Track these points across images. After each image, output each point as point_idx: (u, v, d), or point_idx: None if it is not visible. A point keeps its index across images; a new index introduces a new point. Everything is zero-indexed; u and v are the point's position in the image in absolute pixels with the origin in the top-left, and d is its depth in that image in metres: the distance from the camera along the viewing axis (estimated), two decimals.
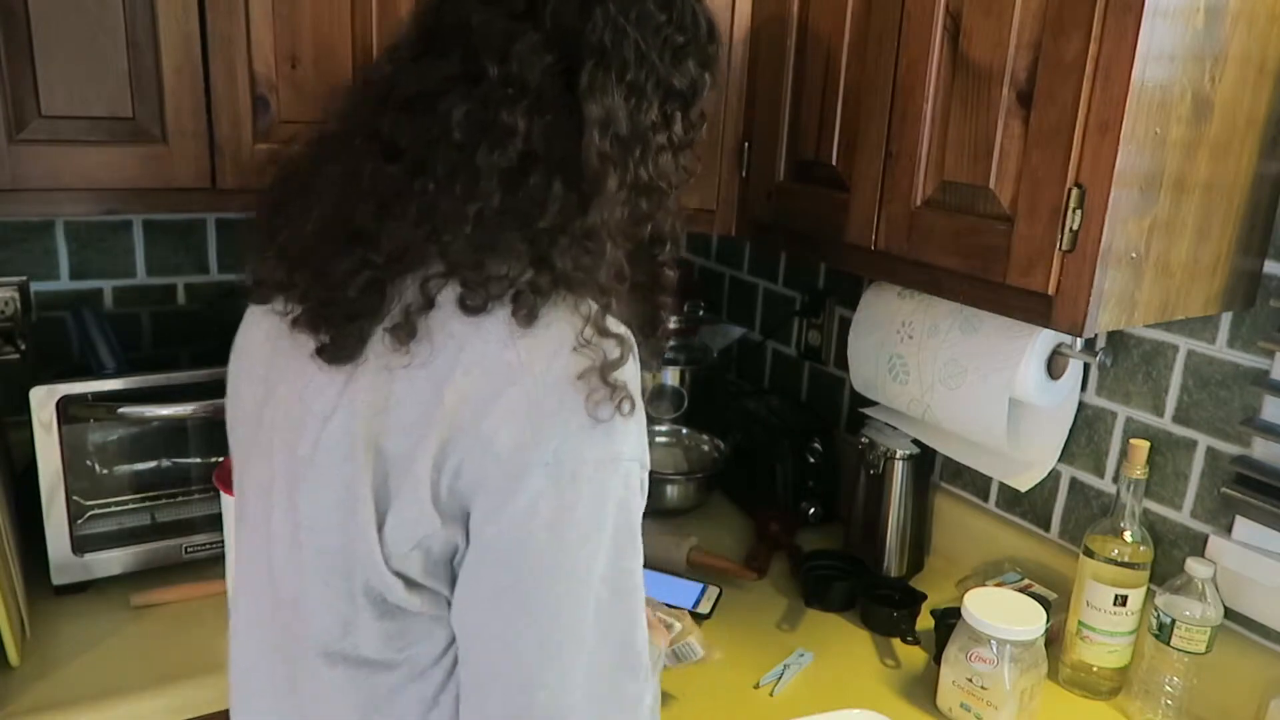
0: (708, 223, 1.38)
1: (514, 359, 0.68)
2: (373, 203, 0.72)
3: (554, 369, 0.69)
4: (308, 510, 0.75)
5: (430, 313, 0.70)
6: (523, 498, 0.68)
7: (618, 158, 0.73)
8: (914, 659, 1.28)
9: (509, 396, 0.68)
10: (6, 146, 1.10)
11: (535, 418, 0.68)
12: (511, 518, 0.68)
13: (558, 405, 0.68)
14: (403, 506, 0.70)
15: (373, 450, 0.70)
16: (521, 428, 0.67)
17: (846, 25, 1.16)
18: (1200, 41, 0.91)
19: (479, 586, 0.71)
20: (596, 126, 0.71)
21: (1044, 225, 0.95)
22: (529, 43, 0.71)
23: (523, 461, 0.67)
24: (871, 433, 1.47)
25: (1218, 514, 1.18)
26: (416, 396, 0.69)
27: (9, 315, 1.45)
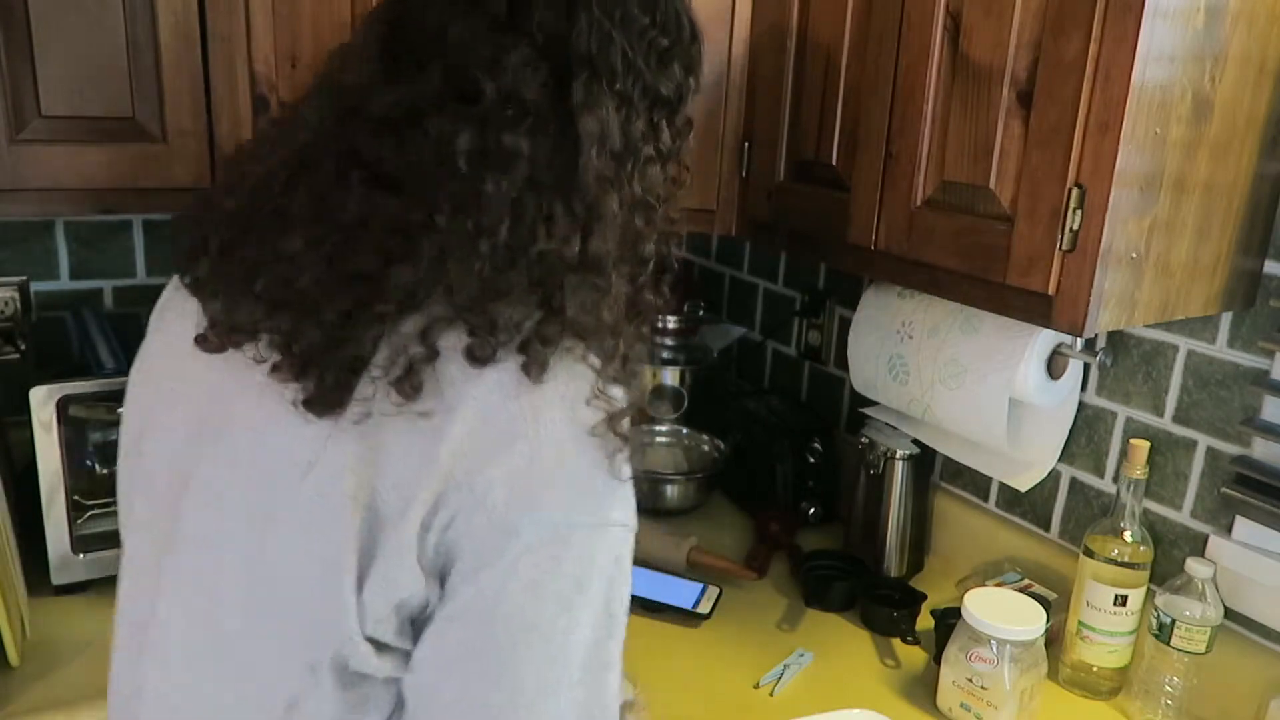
0: (708, 223, 1.38)
1: (518, 412, 0.64)
2: (372, 241, 0.65)
3: (559, 424, 0.64)
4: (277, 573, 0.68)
5: (435, 362, 0.64)
6: (506, 557, 0.63)
7: (614, 175, 0.68)
8: (914, 659, 1.28)
9: (511, 452, 0.63)
10: (6, 146, 1.10)
11: (535, 475, 0.63)
12: (491, 577, 0.63)
13: (559, 464, 0.64)
14: (388, 566, 0.64)
15: (361, 506, 0.64)
16: (519, 485, 0.63)
17: (846, 26, 1.16)
18: (1200, 41, 0.91)
19: (444, 647, 0.66)
20: (594, 143, 0.66)
21: (1044, 225, 0.95)
22: (521, 56, 0.65)
23: (514, 520, 0.63)
24: (871, 433, 1.48)
25: (1218, 514, 1.18)
26: (411, 450, 0.63)
27: (9, 315, 1.45)
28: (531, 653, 0.65)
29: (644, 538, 1.60)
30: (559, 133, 0.66)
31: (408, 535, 0.63)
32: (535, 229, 0.65)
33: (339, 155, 0.67)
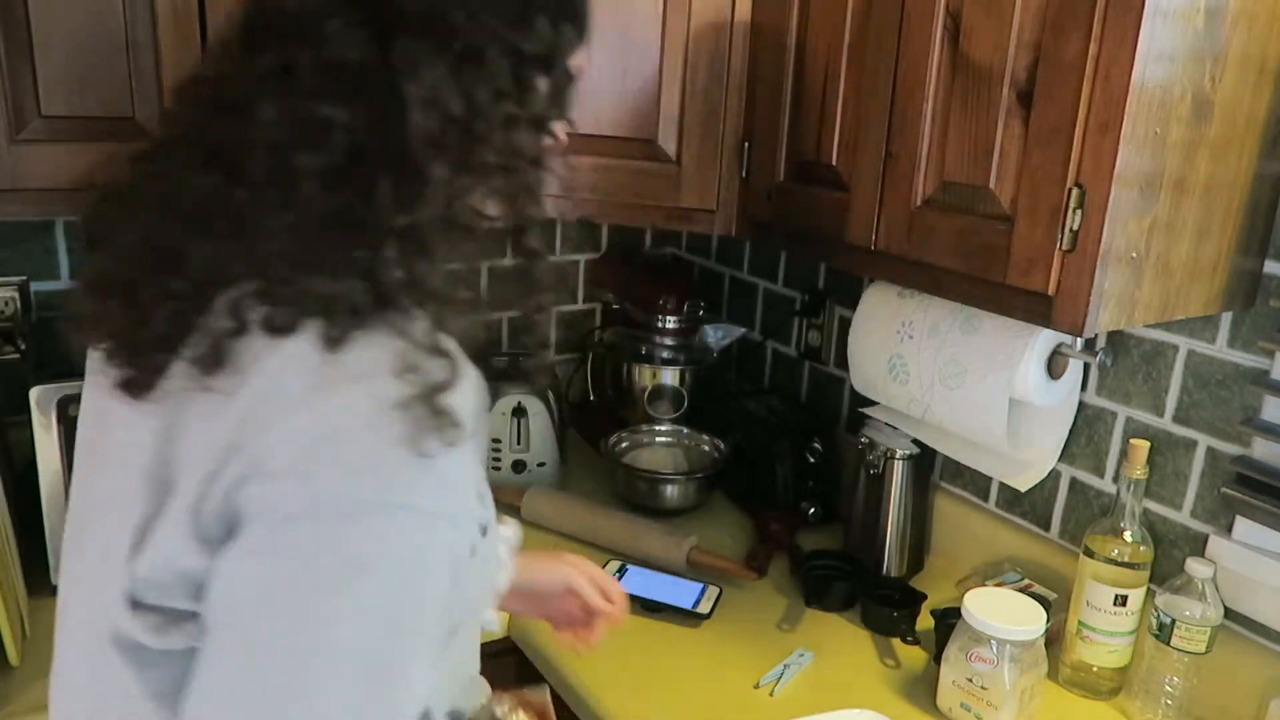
0: (708, 223, 1.38)
1: (309, 382, 0.61)
2: (181, 219, 0.65)
3: (353, 395, 0.60)
4: (85, 554, 0.69)
5: (242, 337, 0.62)
6: (276, 530, 0.59)
7: (451, 140, 0.64)
8: (914, 659, 1.28)
9: (294, 420, 0.60)
10: (6, 146, 1.10)
11: (315, 446, 0.59)
12: (258, 551, 0.60)
13: (346, 436, 0.60)
14: (166, 535, 0.62)
15: (154, 480, 0.63)
16: (296, 454, 0.59)
17: (846, 25, 1.16)
18: (1200, 42, 0.91)
19: (211, 620, 0.62)
20: (419, 106, 0.63)
21: (1044, 225, 0.95)
22: (342, 20, 0.63)
23: (287, 490, 0.59)
24: (871, 433, 1.47)
25: (1218, 514, 1.17)
26: (207, 424, 0.62)
27: (9, 315, 1.45)
28: (290, 640, 0.60)
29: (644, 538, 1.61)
30: (385, 97, 0.63)
31: (188, 503, 0.61)
32: (354, 199, 0.63)
33: (188, 145, 0.68)
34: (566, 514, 1.55)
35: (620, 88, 1.34)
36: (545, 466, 1.67)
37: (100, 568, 0.67)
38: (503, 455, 1.65)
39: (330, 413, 0.60)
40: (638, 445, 1.77)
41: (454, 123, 0.64)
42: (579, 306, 2.03)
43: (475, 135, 0.65)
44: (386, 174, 0.63)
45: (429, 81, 0.63)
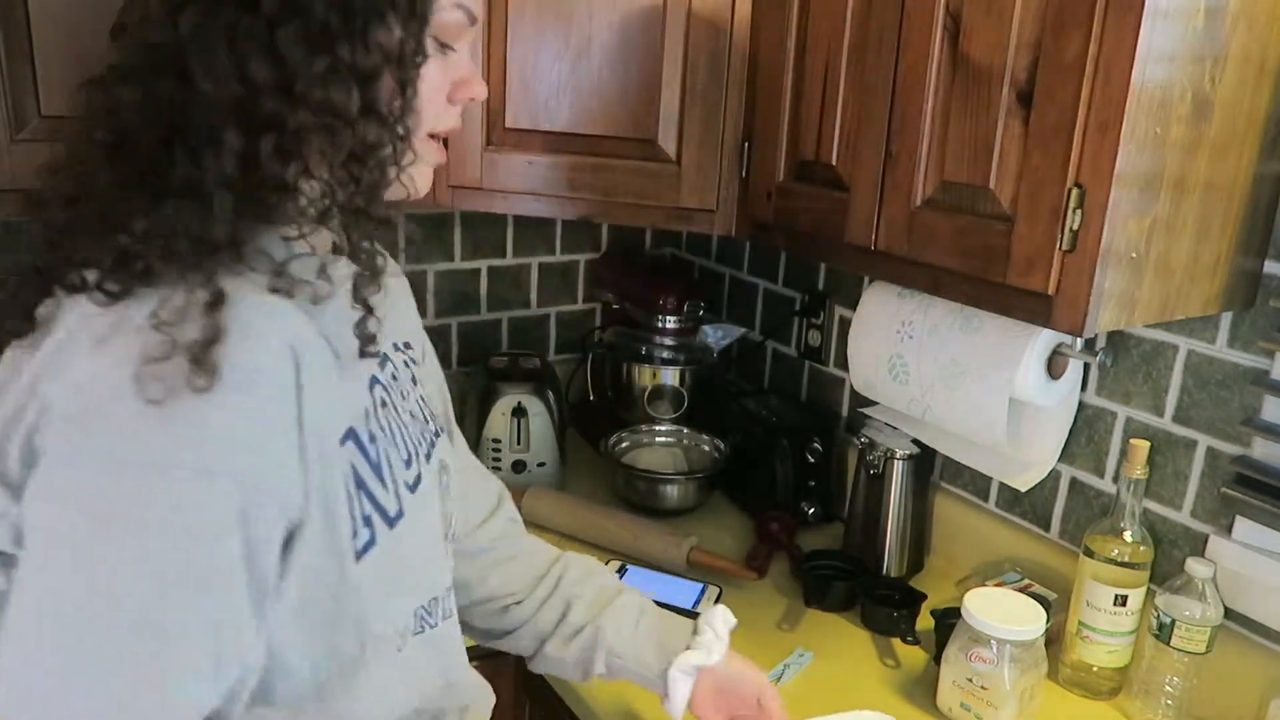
0: (708, 223, 1.38)
1: (96, 334, 0.63)
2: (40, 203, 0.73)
3: (126, 349, 0.61)
4: None
5: (48, 298, 0.68)
6: (58, 476, 0.62)
7: (253, 105, 0.64)
8: (914, 659, 1.28)
9: (77, 368, 0.63)
10: (7, 146, 1.10)
11: (93, 396, 0.61)
12: (42, 494, 0.62)
13: (118, 388, 0.60)
14: None
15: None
16: (77, 403, 0.62)
17: (846, 25, 1.16)
18: (1200, 41, 0.91)
19: None
20: (204, 77, 0.64)
21: (1044, 225, 0.95)
22: (149, 6, 0.67)
23: (68, 436, 0.62)
24: (871, 433, 1.48)
25: (1218, 514, 1.18)
26: (13, 375, 0.66)
27: None
28: (65, 583, 0.61)
29: (644, 538, 1.60)
30: (172, 73, 0.65)
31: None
32: (145, 167, 0.66)
33: None
34: (566, 514, 1.55)
35: (620, 87, 1.34)
36: (545, 466, 1.67)
37: None
38: (503, 455, 1.65)
39: (104, 366, 0.62)
40: (638, 445, 1.77)
41: (259, 87, 0.64)
42: (579, 306, 2.04)
43: (290, 95, 0.65)
44: (180, 142, 0.65)
45: (221, 51, 0.64)
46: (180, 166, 0.65)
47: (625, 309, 1.90)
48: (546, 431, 1.66)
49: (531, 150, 1.38)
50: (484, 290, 1.92)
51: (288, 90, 0.65)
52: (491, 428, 1.64)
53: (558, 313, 2.01)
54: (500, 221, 1.89)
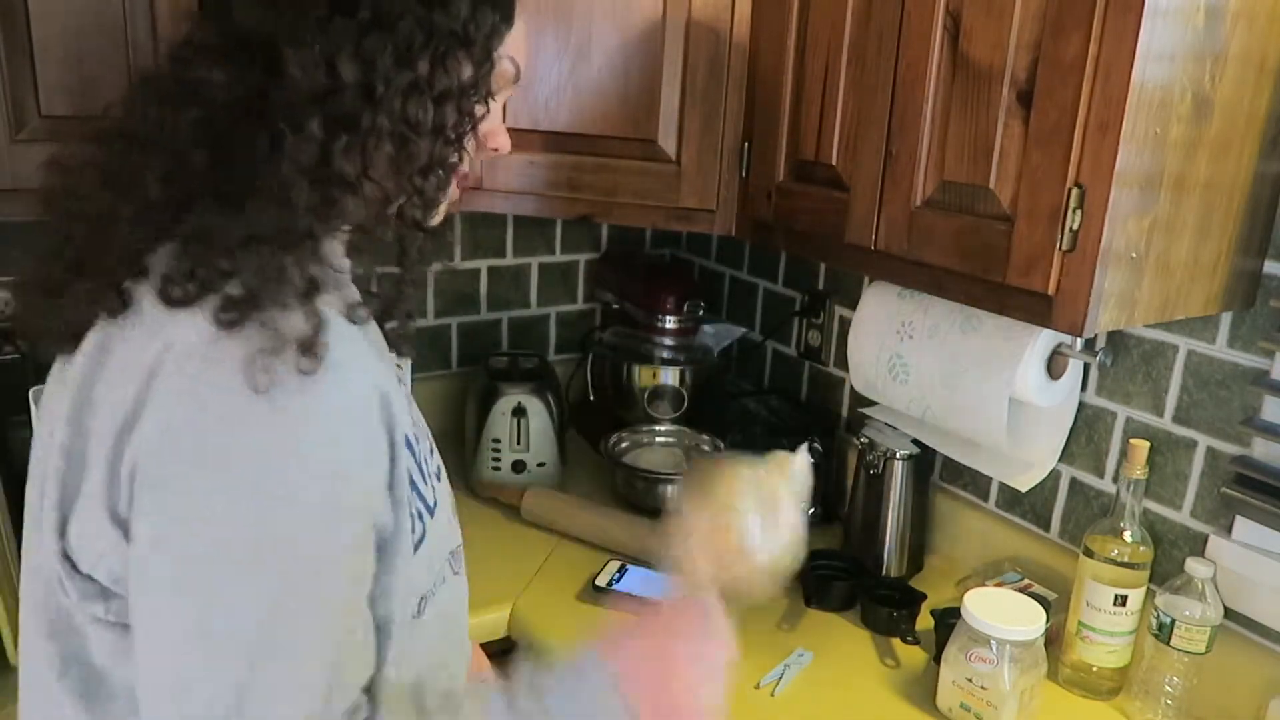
0: (708, 223, 1.38)
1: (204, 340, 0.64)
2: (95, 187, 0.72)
3: (233, 356, 0.63)
4: None
5: (127, 313, 0.67)
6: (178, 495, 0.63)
7: (337, 101, 0.66)
8: (914, 659, 1.28)
9: (181, 384, 0.63)
10: (6, 146, 1.10)
11: (203, 408, 0.63)
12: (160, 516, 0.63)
13: (226, 396, 0.62)
14: (84, 511, 0.66)
15: (66, 454, 0.67)
16: (185, 417, 0.63)
17: (846, 25, 1.16)
18: (1200, 41, 0.91)
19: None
20: (296, 67, 0.65)
21: (1044, 225, 0.95)
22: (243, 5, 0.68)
23: (179, 450, 0.63)
24: (871, 433, 1.47)
25: (1218, 514, 1.17)
26: (111, 393, 0.66)
27: (9, 315, 1.45)
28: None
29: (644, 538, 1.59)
30: (265, 60, 0.66)
31: (97, 484, 0.65)
32: (233, 152, 0.66)
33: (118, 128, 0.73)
34: (566, 514, 1.55)
35: (620, 88, 1.34)
36: (545, 466, 1.67)
37: (35, 540, 0.71)
38: (503, 455, 1.65)
39: (216, 362, 0.62)
40: (638, 445, 1.77)
41: (344, 85, 0.66)
42: (579, 306, 2.04)
43: (371, 100, 0.67)
44: (263, 129, 0.65)
45: (313, 44, 0.65)
46: (261, 152, 0.66)
47: (625, 309, 1.90)
48: (546, 431, 1.66)
49: (532, 150, 1.38)
50: (484, 290, 1.92)
51: (369, 94, 0.67)
52: (491, 428, 1.64)
53: (558, 313, 2.01)
54: (500, 221, 1.89)
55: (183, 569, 0.62)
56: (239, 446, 0.62)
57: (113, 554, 0.65)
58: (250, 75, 0.66)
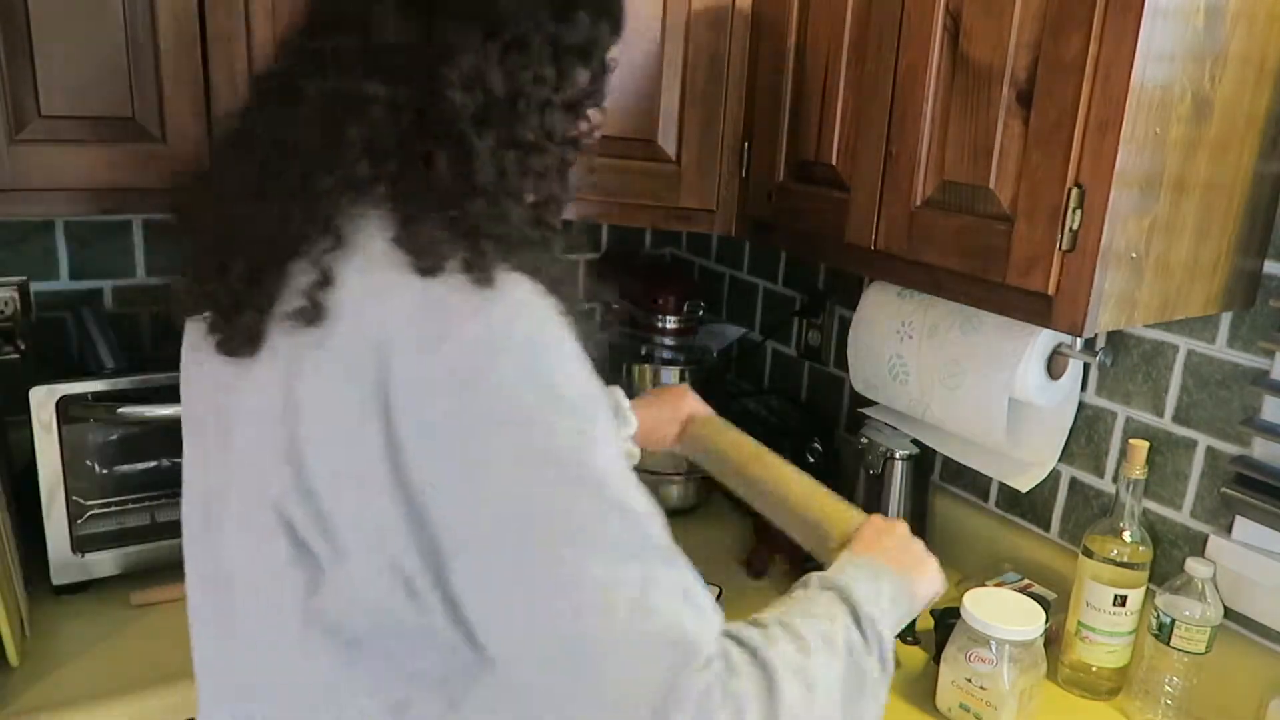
0: (708, 223, 1.38)
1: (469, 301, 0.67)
2: (249, 193, 0.72)
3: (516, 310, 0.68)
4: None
5: (330, 289, 0.68)
6: (488, 441, 0.66)
7: (495, 118, 0.70)
8: (913, 659, 1.28)
9: (465, 333, 0.66)
10: (6, 146, 1.10)
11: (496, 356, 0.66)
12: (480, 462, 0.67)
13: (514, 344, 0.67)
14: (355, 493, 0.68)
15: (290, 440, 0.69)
16: (476, 366, 0.66)
17: (846, 25, 1.16)
18: (1200, 41, 0.91)
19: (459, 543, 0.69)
20: (462, 88, 0.69)
21: (1044, 225, 0.95)
22: (387, 7, 0.70)
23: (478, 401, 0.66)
24: (871, 433, 1.47)
25: (1217, 514, 1.17)
26: (334, 375, 0.67)
27: (9, 315, 1.45)
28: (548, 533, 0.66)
29: None
30: (429, 79, 0.69)
31: (378, 446, 0.65)
32: (408, 167, 0.69)
33: (253, 130, 0.74)
34: None
35: (620, 88, 1.34)
36: None
37: (256, 530, 0.71)
38: None
39: (493, 326, 0.65)
40: None
41: (497, 101, 0.70)
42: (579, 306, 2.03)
43: (516, 113, 0.71)
44: (439, 146, 0.69)
45: (468, 63, 0.69)
46: (449, 169, 0.69)
47: (625, 309, 1.90)
48: None
49: None
50: None
51: (514, 108, 0.71)
52: None
53: None
54: None
55: None
56: None
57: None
58: (407, 94, 0.69)
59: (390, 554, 0.66)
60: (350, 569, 0.68)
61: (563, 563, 0.65)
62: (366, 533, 0.67)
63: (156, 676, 1.14)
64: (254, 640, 0.75)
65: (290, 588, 0.70)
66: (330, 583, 0.69)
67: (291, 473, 0.67)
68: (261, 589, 0.72)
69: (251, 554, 0.72)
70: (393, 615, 0.69)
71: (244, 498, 0.72)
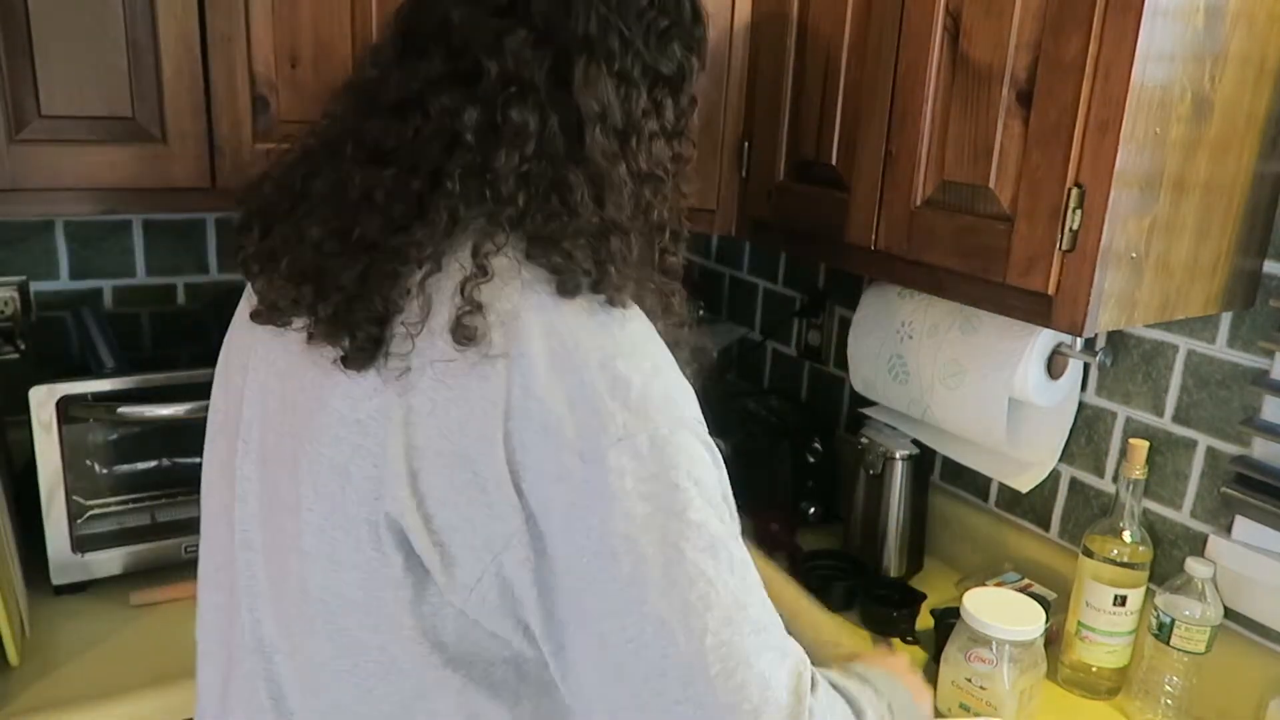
0: (708, 222, 1.38)
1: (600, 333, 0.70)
2: (377, 211, 0.70)
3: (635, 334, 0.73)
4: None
5: (477, 313, 0.67)
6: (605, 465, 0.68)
7: (619, 150, 0.72)
8: (913, 659, 1.28)
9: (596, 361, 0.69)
10: (6, 146, 1.10)
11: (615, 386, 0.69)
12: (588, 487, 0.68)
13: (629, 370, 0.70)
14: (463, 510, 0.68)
15: (409, 456, 0.69)
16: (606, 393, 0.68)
17: (846, 25, 1.16)
18: (1200, 41, 0.92)
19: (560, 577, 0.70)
20: (596, 121, 0.71)
21: (1044, 225, 0.95)
22: (520, 39, 0.70)
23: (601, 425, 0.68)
24: (871, 433, 1.48)
25: (1217, 514, 1.18)
26: (469, 394, 0.67)
27: (9, 315, 1.45)
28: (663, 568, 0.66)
29: None
30: (562, 111, 0.71)
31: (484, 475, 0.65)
32: (552, 198, 0.70)
33: (354, 142, 0.73)
34: None
35: None
36: None
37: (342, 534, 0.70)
38: None
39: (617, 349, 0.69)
40: None
41: (618, 135, 0.72)
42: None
43: (631, 147, 0.73)
44: (575, 178, 0.70)
45: (601, 99, 0.71)
46: (592, 201, 0.71)
47: None
48: None
49: None
50: None
51: (635, 144, 0.74)
52: None
53: None
54: None
55: None
56: None
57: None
58: (552, 122, 0.71)
59: (501, 564, 0.67)
60: (457, 579, 0.68)
61: (671, 602, 0.65)
62: (476, 545, 0.67)
63: (156, 676, 1.14)
64: (339, 650, 0.73)
65: (389, 597, 0.70)
66: (434, 591, 0.69)
67: (406, 482, 0.67)
68: (350, 598, 0.71)
69: (339, 564, 0.71)
70: (485, 628, 0.70)
71: (335, 507, 0.71)
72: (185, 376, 1.29)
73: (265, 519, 0.77)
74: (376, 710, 0.73)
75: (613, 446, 0.65)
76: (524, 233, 0.70)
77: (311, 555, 0.73)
